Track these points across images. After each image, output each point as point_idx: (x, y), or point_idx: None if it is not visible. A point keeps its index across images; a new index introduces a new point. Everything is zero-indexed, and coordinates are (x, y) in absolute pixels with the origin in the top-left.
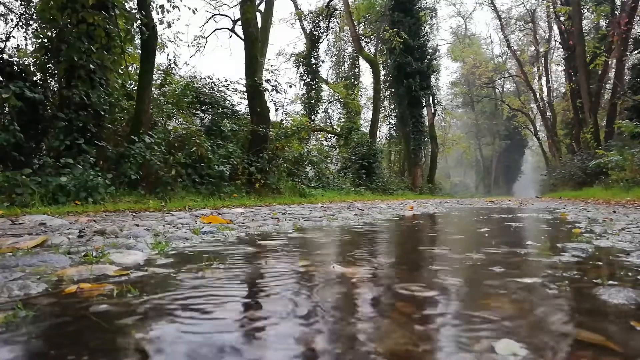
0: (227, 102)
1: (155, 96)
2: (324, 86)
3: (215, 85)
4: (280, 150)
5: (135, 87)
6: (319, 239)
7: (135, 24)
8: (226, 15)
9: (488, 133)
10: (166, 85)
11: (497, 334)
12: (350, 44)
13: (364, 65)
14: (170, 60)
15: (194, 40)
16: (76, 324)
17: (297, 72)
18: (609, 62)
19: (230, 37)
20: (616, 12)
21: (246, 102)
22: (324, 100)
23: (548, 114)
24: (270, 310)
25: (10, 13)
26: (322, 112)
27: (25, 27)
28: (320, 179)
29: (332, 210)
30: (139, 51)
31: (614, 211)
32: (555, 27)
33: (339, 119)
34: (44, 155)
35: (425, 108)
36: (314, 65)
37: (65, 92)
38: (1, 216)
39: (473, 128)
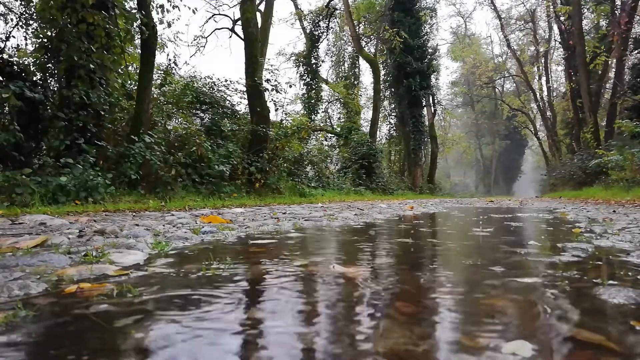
0: (227, 102)
1: (155, 96)
2: (324, 86)
3: (215, 85)
4: (280, 150)
5: (135, 87)
6: (319, 238)
7: (135, 24)
8: (226, 15)
9: (488, 133)
10: (166, 85)
11: (496, 333)
12: (350, 43)
13: (364, 65)
14: (170, 60)
15: (194, 40)
16: (76, 324)
17: (297, 72)
18: (609, 62)
19: (230, 37)
20: (616, 12)
21: (246, 102)
22: (324, 100)
23: (548, 113)
24: (270, 310)
25: (10, 13)
26: (322, 112)
27: (25, 27)
28: (320, 178)
29: (332, 210)
30: (139, 51)
31: (614, 211)
32: (555, 27)
33: (339, 118)
34: (44, 155)
35: (425, 108)
36: (314, 65)
37: (65, 92)
38: (1, 216)
39: (473, 128)
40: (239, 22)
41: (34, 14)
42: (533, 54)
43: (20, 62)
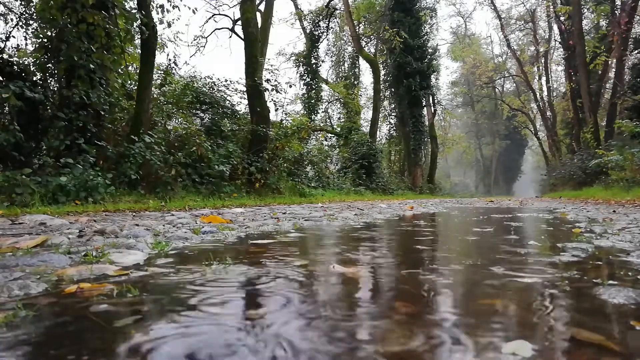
0: (227, 102)
1: (155, 96)
2: (324, 86)
3: (215, 85)
4: (280, 150)
5: (135, 87)
6: (319, 238)
7: (135, 24)
8: (226, 15)
9: (488, 133)
10: (166, 85)
11: (496, 333)
12: (350, 43)
13: (364, 65)
14: (170, 60)
15: (194, 40)
16: (76, 324)
17: (297, 72)
18: (609, 62)
19: (230, 37)
20: (616, 11)
21: (246, 102)
22: (324, 100)
23: (548, 113)
24: (270, 310)
25: (10, 13)
26: (322, 112)
27: (25, 27)
28: (320, 178)
29: (332, 210)
30: (139, 51)
31: (614, 211)
32: (555, 27)
33: (339, 118)
34: (44, 155)
35: (425, 108)
36: (314, 65)
37: (65, 92)
38: (1, 216)
39: (473, 128)
40: (239, 22)
41: (34, 14)
42: (533, 54)
43: (20, 62)
